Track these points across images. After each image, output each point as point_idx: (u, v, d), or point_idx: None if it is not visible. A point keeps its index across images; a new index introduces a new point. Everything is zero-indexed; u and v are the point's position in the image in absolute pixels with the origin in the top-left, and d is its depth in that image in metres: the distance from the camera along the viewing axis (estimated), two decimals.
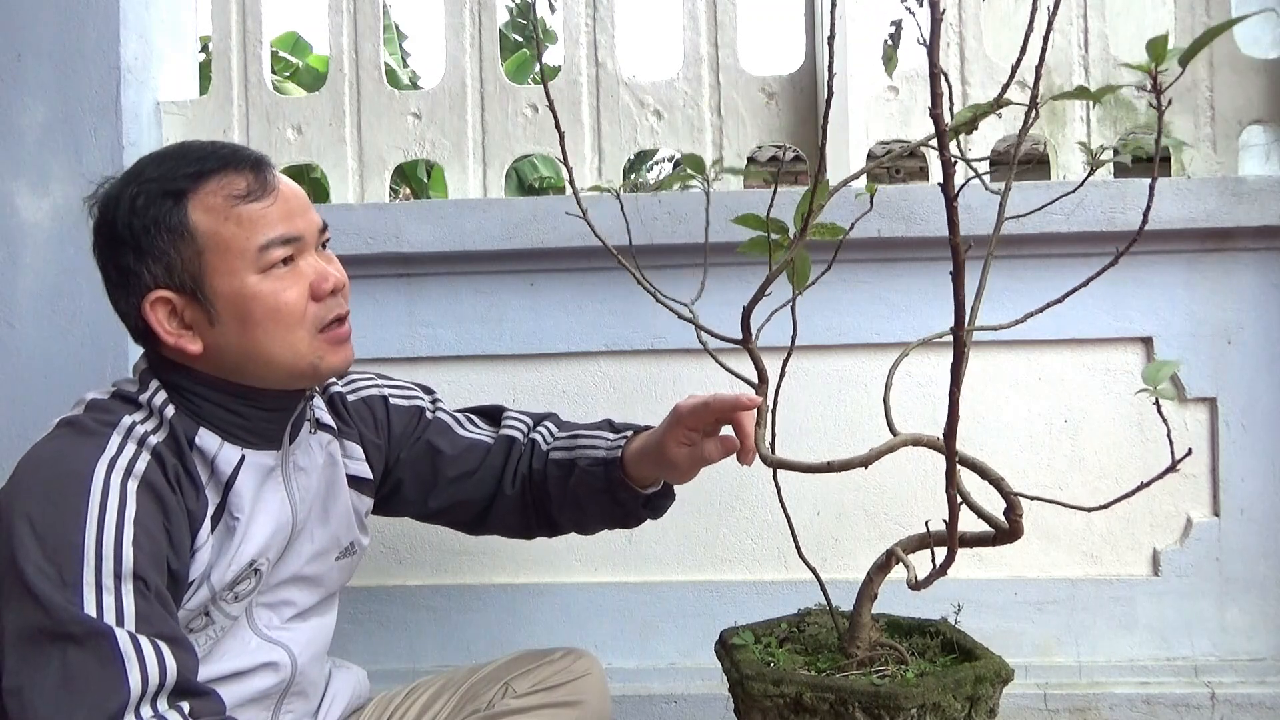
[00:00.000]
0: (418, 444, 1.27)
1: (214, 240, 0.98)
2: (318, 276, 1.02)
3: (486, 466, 1.27)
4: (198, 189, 0.99)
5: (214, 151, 1.02)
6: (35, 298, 1.77)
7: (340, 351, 1.05)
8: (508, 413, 1.34)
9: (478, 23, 1.92)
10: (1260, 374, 1.71)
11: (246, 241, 0.98)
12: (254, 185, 1.00)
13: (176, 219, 0.98)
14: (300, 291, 1.01)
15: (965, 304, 0.83)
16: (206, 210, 0.98)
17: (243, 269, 0.98)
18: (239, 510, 1.04)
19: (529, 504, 1.28)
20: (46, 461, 0.95)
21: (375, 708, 1.29)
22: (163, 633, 0.91)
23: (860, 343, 1.74)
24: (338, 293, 1.04)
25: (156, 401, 1.02)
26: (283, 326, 1.00)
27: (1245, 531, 1.71)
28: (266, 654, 1.10)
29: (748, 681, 1.05)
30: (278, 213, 1.00)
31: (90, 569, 0.88)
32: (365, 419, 1.25)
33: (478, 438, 1.29)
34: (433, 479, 1.27)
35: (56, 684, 0.85)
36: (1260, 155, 1.88)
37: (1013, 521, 1.00)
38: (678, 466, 1.17)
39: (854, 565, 1.73)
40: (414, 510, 1.30)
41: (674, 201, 1.71)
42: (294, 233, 1.01)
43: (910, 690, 0.99)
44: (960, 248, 0.80)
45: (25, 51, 1.78)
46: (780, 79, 1.88)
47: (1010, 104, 0.91)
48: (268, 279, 0.99)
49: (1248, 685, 1.67)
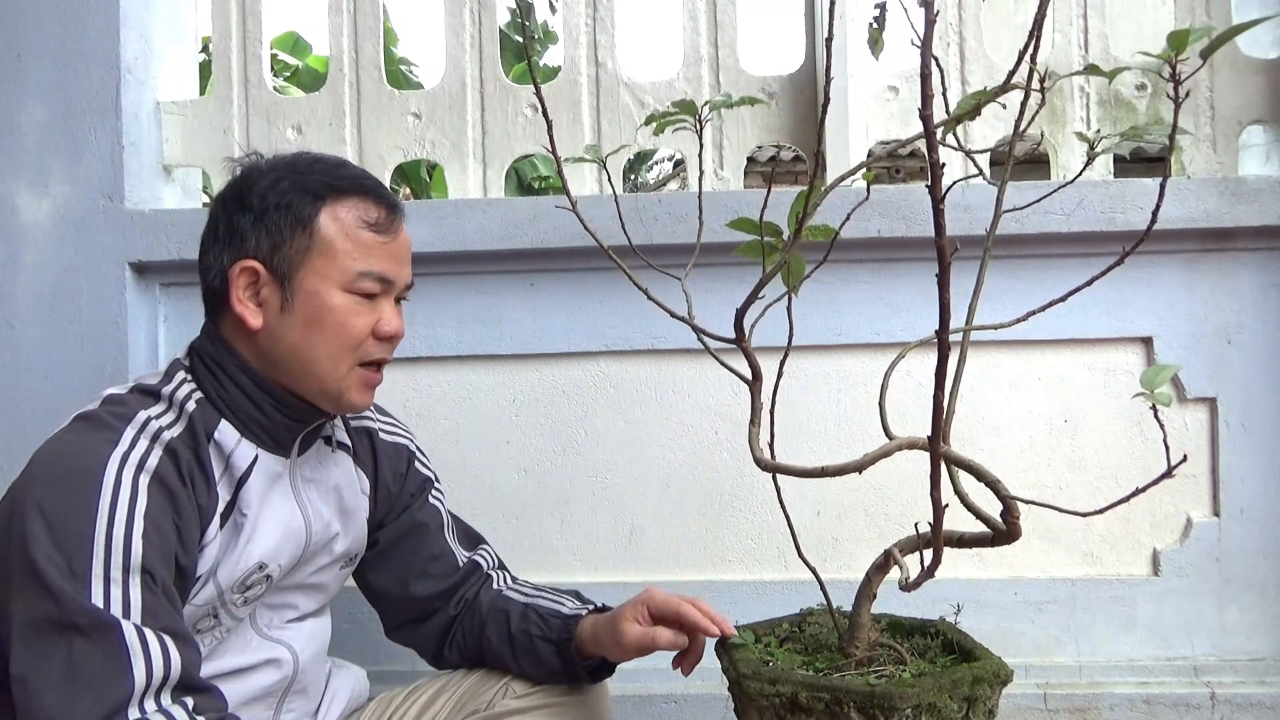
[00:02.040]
0: (405, 515, 1.29)
1: (326, 245, 1.05)
2: (386, 320, 1.09)
3: (447, 579, 1.28)
4: (338, 200, 1.07)
5: (366, 178, 1.11)
6: (35, 298, 1.77)
7: (366, 393, 1.11)
8: (484, 545, 1.37)
9: (478, 23, 1.92)
10: (1260, 374, 1.71)
11: (352, 261, 1.06)
12: (384, 221, 1.08)
13: (306, 213, 1.05)
14: (367, 323, 1.07)
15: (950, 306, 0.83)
16: (335, 219, 1.06)
17: (335, 280, 1.05)
18: (247, 507, 1.05)
19: (456, 630, 1.28)
20: (61, 454, 0.96)
21: (376, 708, 1.29)
22: (168, 627, 0.92)
23: (860, 343, 1.74)
24: (391, 341, 1.11)
25: (180, 394, 1.04)
26: (338, 343, 1.06)
27: (1245, 531, 1.71)
28: (269, 651, 1.12)
29: (744, 680, 1.05)
30: (388, 253, 1.08)
31: (99, 561, 0.89)
32: (392, 461, 1.29)
33: (455, 550, 1.31)
34: (400, 560, 1.28)
35: (61, 674, 0.86)
36: (1260, 155, 1.88)
37: (1010, 523, 1.00)
38: (622, 641, 1.17)
39: (854, 565, 1.73)
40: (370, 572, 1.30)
41: (673, 201, 1.71)
42: (390, 276, 1.09)
43: (905, 690, 0.99)
44: (946, 249, 0.80)
45: (25, 51, 1.78)
46: (780, 79, 1.88)
47: (1015, 88, 0.91)
48: (350, 300, 1.06)
49: (1248, 685, 1.67)
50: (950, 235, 0.81)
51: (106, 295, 1.76)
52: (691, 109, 1.13)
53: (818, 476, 1.03)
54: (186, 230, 1.74)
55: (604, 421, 1.79)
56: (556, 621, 1.22)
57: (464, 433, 1.79)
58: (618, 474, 1.79)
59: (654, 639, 1.15)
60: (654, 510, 1.78)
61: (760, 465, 1.10)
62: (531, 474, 1.80)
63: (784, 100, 1.87)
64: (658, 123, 1.17)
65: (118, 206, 1.77)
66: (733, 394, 1.76)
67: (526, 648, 1.22)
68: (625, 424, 1.78)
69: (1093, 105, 1.83)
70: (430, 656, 1.32)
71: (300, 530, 1.11)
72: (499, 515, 1.78)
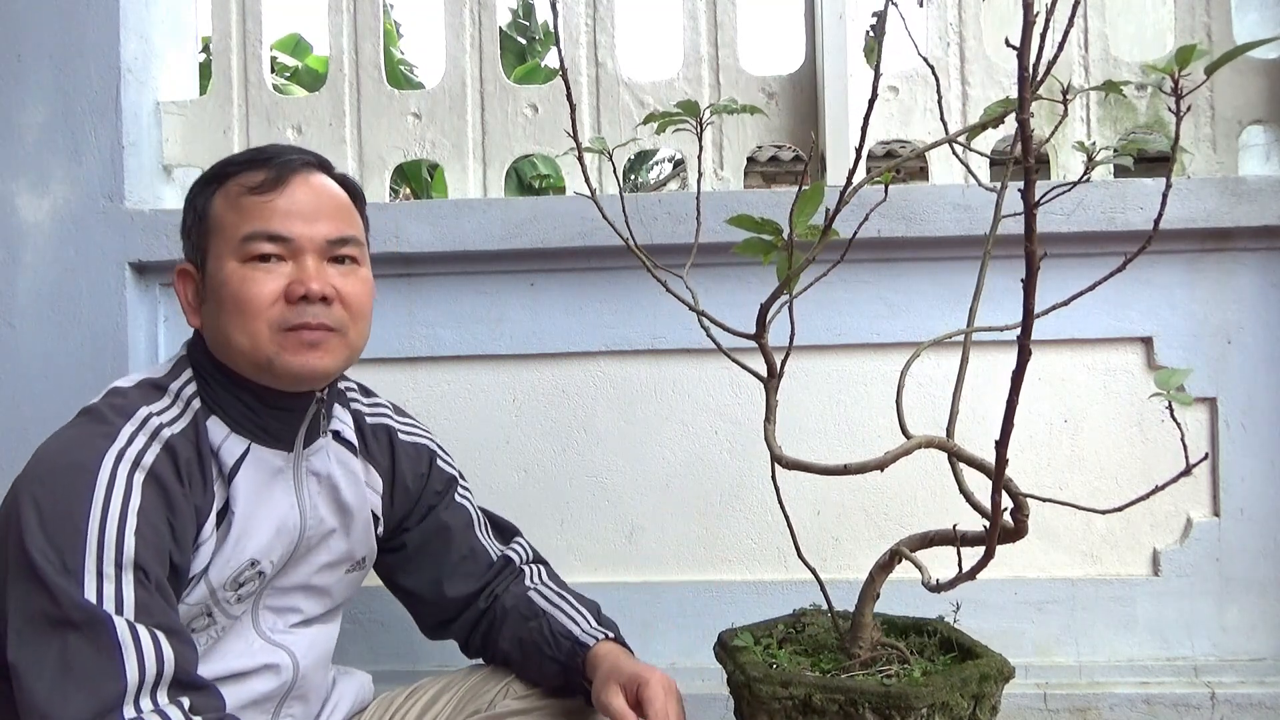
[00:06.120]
0: (431, 517, 1.28)
1: (217, 223, 1.05)
2: (295, 280, 1.03)
3: (481, 577, 1.28)
4: (229, 179, 1.06)
5: (262, 150, 1.09)
6: (35, 298, 1.77)
7: (301, 354, 1.03)
8: (518, 538, 1.35)
9: (478, 23, 1.92)
10: (1260, 374, 1.71)
11: (235, 229, 1.03)
12: (266, 181, 1.04)
13: (203, 201, 1.06)
14: (270, 290, 1.02)
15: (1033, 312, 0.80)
16: (224, 196, 1.05)
17: (228, 254, 1.03)
18: (235, 503, 1.05)
19: (483, 621, 1.27)
20: (58, 449, 0.97)
21: (376, 708, 1.29)
22: (162, 624, 0.92)
23: (860, 343, 1.74)
24: (313, 301, 1.03)
25: (186, 391, 1.05)
26: (242, 315, 1.02)
27: (1245, 531, 1.71)
28: (268, 656, 1.11)
29: (755, 684, 1.04)
30: (274, 210, 1.03)
31: (92, 556, 0.90)
32: (412, 462, 1.27)
33: (488, 547, 1.30)
34: (431, 561, 1.28)
35: (54, 669, 0.87)
36: (1260, 155, 1.88)
37: (1019, 521, 1.00)
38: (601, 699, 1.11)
39: (854, 565, 1.73)
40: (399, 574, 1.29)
41: (673, 201, 1.71)
42: (283, 233, 1.03)
43: (920, 690, 0.98)
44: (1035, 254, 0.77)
45: (25, 51, 1.78)
46: (780, 79, 1.88)
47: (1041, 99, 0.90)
48: (244, 268, 1.02)
49: (1248, 685, 1.67)
50: (951, 236, 0.81)
51: (106, 295, 1.76)
52: (694, 110, 1.12)
53: (840, 474, 1.02)
54: None
55: (604, 421, 1.79)
56: (567, 644, 1.20)
57: (464, 433, 1.79)
58: (618, 474, 1.79)
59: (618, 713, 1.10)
60: (654, 510, 1.78)
61: (781, 463, 1.08)
62: (531, 474, 1.80)
63: (784, 100, 1.87)
64: (660, 123, 1.16)
65: (118, 206, 1.77)
66: (733, 394, 1.76)
67: (534, 658, 1.22)
68: (625, 424, 1.78)
69: (1093, 105, 1.83)
70: (461, 645, 1.32)
71: (295, 525, 1.10)
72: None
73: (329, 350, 1.05)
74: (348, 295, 1.06)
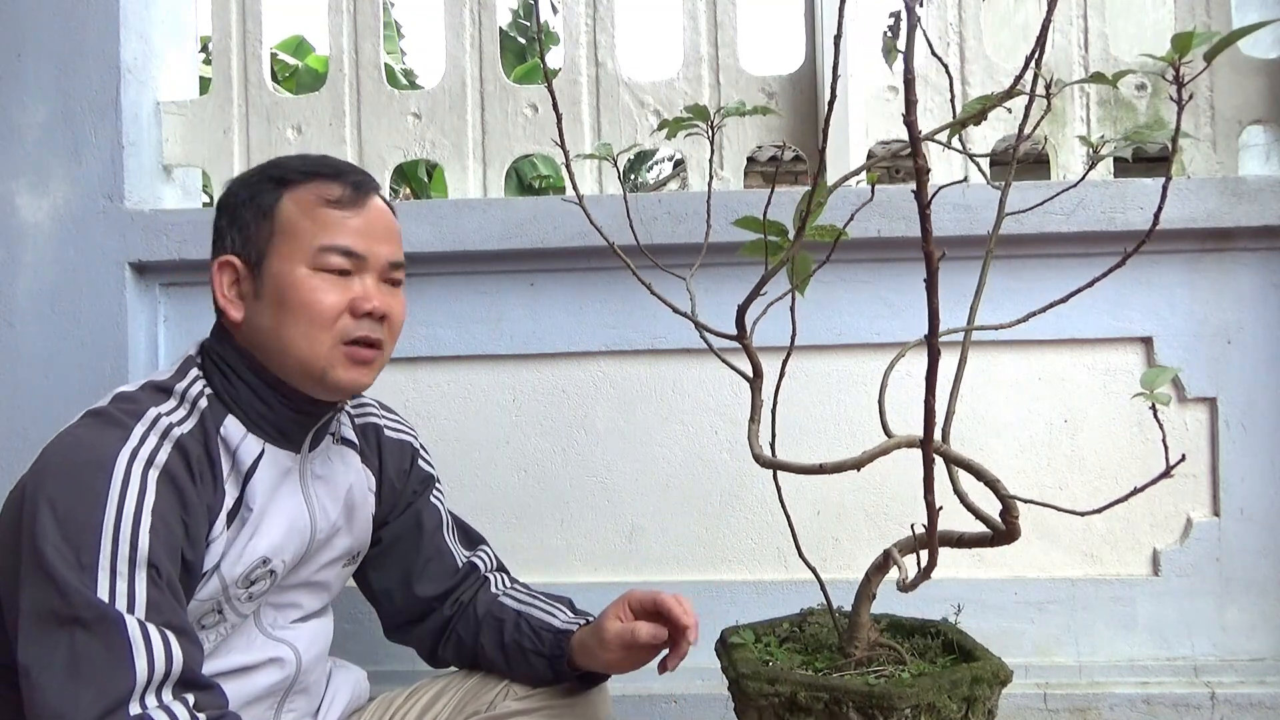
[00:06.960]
0: (409, 513, 1.29)
1: (289, 227, 1.06)
2: (362, 296, 1.07)
3: (446, 580, 1.29)
4: (300, 184, 1.08)
5: (333, 163, 1.11)
6: (35, 298, 1.77)
7: (353, 370, 1.08)
8: (483, 545, 1.37)
9: (478, 23, 1.92)
10: (1260, 374, 1.71)
11: (312, 238, 1.06)
12: (346, 197, 1.08)
13: (269, 201, 1.07)
14: (339, 300, 1.06)
15: (939, 311, 0.84)
16: (296, 202, 1.07)
17: (299, 259, 1.05)
18: (253, 501, 1.06)
19: (451, 631, 1.28)
20: (72, 447, 0.97)
21: (376, 708, 1.30)
22: (171, 623, 0.92)
23: (860, 343, 1.74)
24: (375, 319, 1.08)
25: (193, 391, 1.05)
26: (309, 322, 1.04)
27: (1245, 531, 1.71)
28: (273, 650, 1.12)
29: (743, 680, 1.05)
30: (352, 228, 1.07)
31: (106, 554, 0.90)
32: (396, 458, 1.29)
33: (454, 551, 1.31)
34: (400, 559, 1.28)
35: (64, 667, 0.87)
36: (1260, 155, 1.88)
37: (1009, 523, 1.00)
38: (604, 637, 1.17)
39: (854, 565, 1.73)
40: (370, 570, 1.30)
41: (673, 201, 1.71)
42: (358, 250, 1.07)
43: (904, 690, 0.99)
44: (934, 255, 0.80)
45: (25, 51, 1.78)
46: (780, 79, 1.88)
47: (1021, 94, 0.90)
48: (316, 277, 1.05)
49: (1248, 685, 1.67)
50: (951, 236, 0.81)
51: (106, 295, 1.76)
52: (704, 114, 1.13)
53: (815, 473, 1.03)
54: (186, 230, 1.74)
55: (604, 421, 1.79)
56: (549, 635, 1.22)
57: (464, 433, 1.79)
58: (618, 474, 1.79)
59: (633, 632, 1.15)
60: (654, 510, 1.78)
61: (759, 462, 1.10)
62: (531, 474, 1.80)
63: (784, 100, 1.87)
64: (670, 127, 1.16)
65: (118, 206, 1.77)
66: (733, 394, 1.76)
67: (519, 659, 1.23)
68: (625, 424, 1.78)
69: (1093, 105, 1.83)
70: (425, 655, 1.33)
71: (306, 526, 1.12)
72: (499, 515, 1.78)
73: (374, 368, 1.11)
74: (394, 315, 1.11)
